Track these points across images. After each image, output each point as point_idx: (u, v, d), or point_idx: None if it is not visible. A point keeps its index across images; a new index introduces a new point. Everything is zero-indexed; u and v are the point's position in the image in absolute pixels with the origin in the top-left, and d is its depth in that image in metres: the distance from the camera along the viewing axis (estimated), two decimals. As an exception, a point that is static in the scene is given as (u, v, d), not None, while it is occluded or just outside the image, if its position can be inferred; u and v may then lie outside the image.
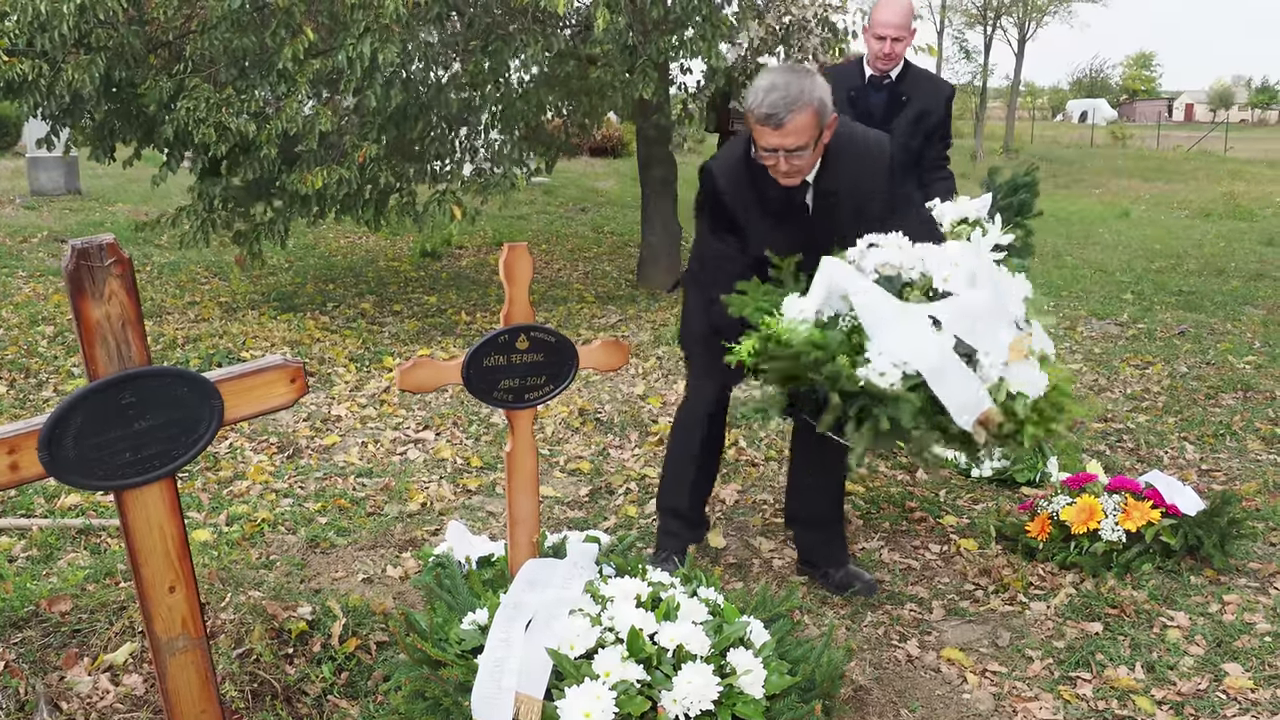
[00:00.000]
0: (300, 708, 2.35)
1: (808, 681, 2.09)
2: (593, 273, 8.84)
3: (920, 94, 3.94)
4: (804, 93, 2.49)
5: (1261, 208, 14.28)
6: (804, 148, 2.56)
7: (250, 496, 3.76)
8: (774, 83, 2.50)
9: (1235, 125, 50.17)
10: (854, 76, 3.98)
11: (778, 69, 2.59)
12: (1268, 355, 6.01)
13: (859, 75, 3.97)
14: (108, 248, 1.60)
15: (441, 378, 2.23)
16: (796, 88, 2.49)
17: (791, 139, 2.53)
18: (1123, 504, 3.23)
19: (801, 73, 2.54)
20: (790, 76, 2.52)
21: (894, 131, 3.80)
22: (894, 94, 3.91)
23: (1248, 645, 2.78)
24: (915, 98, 3.92)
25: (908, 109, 3.92)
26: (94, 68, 5.31)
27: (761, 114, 2.51)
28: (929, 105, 3.95)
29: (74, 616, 2.57)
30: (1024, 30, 32.80)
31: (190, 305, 6.87)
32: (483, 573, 2.47)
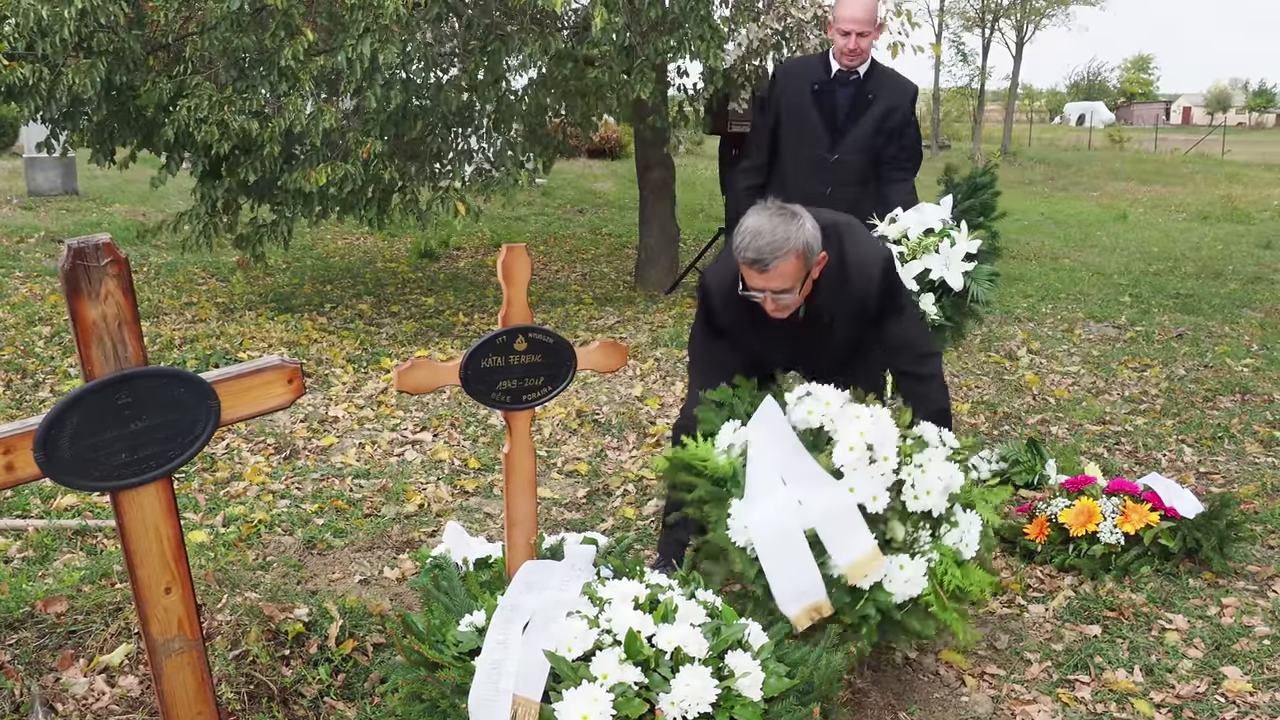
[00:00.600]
0: (297, 710, 2.34)
1: (806, 684, 2.08)
2: (590, 274, 8.83)
3: (886, 92, 3.87)
4: (789, 239, 2.48)
5: (1259, 211, 14.31)
6: (789, 290, 2.56)
7: (247, 497, 3.76)
8: (760, 228, 2.50)
9: (1233, 128, 50.24)
10: (817, 70, 3.89)
11: (765, 211, 2.55)
12: (1265, 358, 6.02)
13: (823, 69, 3.87)
14: (104, 247, 1.59)
15: (440, 379, 2.23)
16: (782, 234, 2.48)
17: (776, 282, 2.54)
18: (1121, 506, 3.23)
19: (788, 216, 2.52)
20: (776, 221, 2.50)
21: (860, 128, 3.82)
22: (860, 91, 3.83)
23: (1246, 648, 2.77)
24: (881, 96, 3.85)
25: (874, 107, 3.85)
26: (95, 72, 5.29)
27: (747, 259, 2.52)
28: (894, 104, 3.87)
29: (70, 617, 2.56)
30: (1022, 33, 32.84)
31: (187, 306, 6.85)
32: (480, 574, 2.46)
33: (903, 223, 3.57)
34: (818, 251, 2.57)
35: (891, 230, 3.57)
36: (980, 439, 4.54)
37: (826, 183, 3.85)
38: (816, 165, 3.86)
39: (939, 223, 3.53)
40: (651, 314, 7.11)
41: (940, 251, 3.45)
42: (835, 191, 3.83)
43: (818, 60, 3.97)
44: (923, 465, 2.36)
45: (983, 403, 5.10)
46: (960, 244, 3.45)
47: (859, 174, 3.89)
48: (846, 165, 3.86)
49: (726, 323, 2.79)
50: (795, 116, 3.88)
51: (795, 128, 3.89)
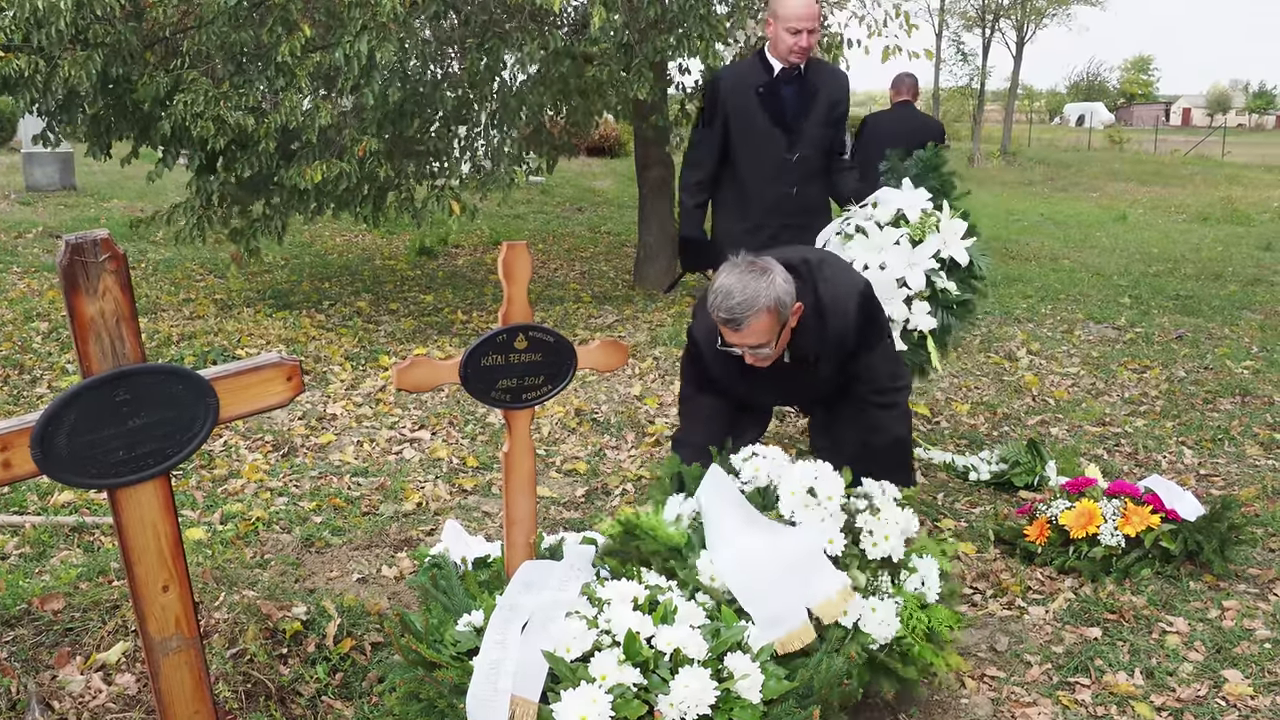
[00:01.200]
0: (294, 708, 2.33)
1: (805, 687, 2.07)
2: (589, 272, 8.82)
3: (826, 84, 3.85)
4: (760, 296, 2.50)
5: (1259, 212, 14.31)
6: (765, 345, 2.59)
7: (245, 495, 3.74)
8: (730, 288, 2.51)
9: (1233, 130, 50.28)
10: (758, 73, 3.85)
11: (736, 268, 2.55)
12: (1265, 360, 6.01)
13: (763, 70, 3.84)
14: (102, 243, 1.58)
15: (439, 377, 2.22)
16: (752, 291, 2.49)
17: (751, 339, 2.57)
18: (1122, 509, 3.22)
19: (758, 273, 2.53)
20: (747, 279, 2.51)
21: (810, 123, 3.81)
22: (804, 86, 3.81)
23: (1247, 651, 2.76)
24: (823, 88, 3.84)
25: (819, 100, 3.84)
26: (91, 64, 5.28)
27: (720, 318, 2.55)
28: (837, 94, 3.88)
29: (66, 615, 2.55)
30: (1022, 33, 32.84)
31: (185, 302, 6.84)
32: (479, 574, 2.45)
33: (889, 205, 3.56)
34: (791, 305, 2.60)
35: (881, 214, 3.57)
36: (980, 440, 4.53)
37: (790, 183, 3.87)
38: (778, 167, 3.86)
39: (927, 204, 3.56)
40: (650, 313, 7.10)
41: (941, 229, 3.51)
42: (800, 190, 3.86)
43: (755, 62, 3.93)
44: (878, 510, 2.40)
45: (982, 403, 5.09)
46: (953, 221, 3.53)
47: (818, 169, 3.93)
48: (807, 161, 3.89)
49: (716, 372, 2.85)
50: (744, 121, 3.86)
51: (746, 132, 3.87)
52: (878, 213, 3.58)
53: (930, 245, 3.50)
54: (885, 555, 2.39)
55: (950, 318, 3.57)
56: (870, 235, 3.55)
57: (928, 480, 4.04)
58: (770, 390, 2.93)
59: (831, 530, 2.34)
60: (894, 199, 3.60)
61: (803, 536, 2.32)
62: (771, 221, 3.92)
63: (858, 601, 2.28)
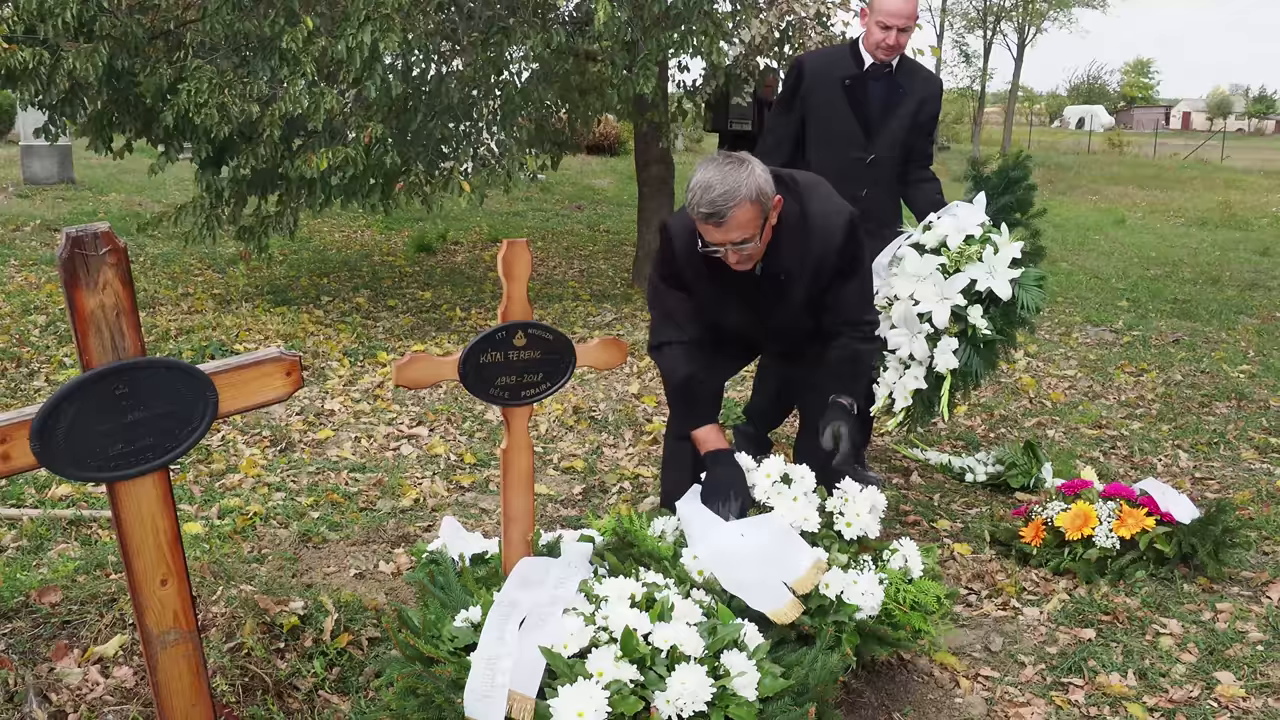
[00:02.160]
0: (291, 702, 2.34)
1: (801, 685, 2.08)
2: (588, 271, 8.82)
3: (916, 87, 3.64)
4: (740, 186, 2.44)
5: (1257, 217, 14.33)
6: (749, 239, 2.53)
7: (242, 490, 3.75)
8: (709, 181, 2.46)
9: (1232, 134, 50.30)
10: (847, 63, 3.62)
11: (712, 163, 2.51)
12: (1262, 364, 6.03)
13: (853, 62, 3.60)
14: (103, 236, 1.58)
15: (438, 374, 2.22)
16: (732, 181, 2.44)
17: (736, 233, 2.50)
18: (1117, 511, 3.23)
19: (736, 164, 2.48)
20: (725, 171, 2.46)
21: (893, 126, 3.58)
22: (892, 84, 3.59)
23: (1240, 654, 2.78)
24: (912, 90, 3.61)
25: (907, 101, 3.61)
26: (97, 56, 5.25)
27: (701, 214, 2.48)
28: (925, 97, 3.65)
29: (64, 608, 2.55)
30: (1023, 35, 32.87)
31: (184, 297, 6.84)
32: (476, 570, 2.46)
33: (939, 229, 3.31)
34: (772, 195, 2.53)
35: (929, 238, 3.32)
36: (976, 441, 4.54)
37: (861, 185, 3.57)
38: (851, 167, 3.58)
39: (978, 228, 3.28)
40: (649, 312, 7.10)
41: (984, 259, 3.21)
42: (870, 193, 3.59)
43: (844, 51, 3.67)
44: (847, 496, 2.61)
45: (979, 405, 5.10)
46: (1004, 249, 3.20)
47: (893, 176, 3.67)
48: (882, 165, 3.62)
49: (687, 276, 2.77)
50: (825, 114, 3.62)
51: (826, 128, 3.63)
52: (926, 236, 3.34)
53: (961, 280, 3.19)
54: (861, 534, 2.55)
55: (975, 360, 3.23)
56: (908, 262, 3.29)
57: (924, 481, 4.05)
58: (738, 307, 2.81)
59: (807, 510, 2.50)
60: (946, 222, 3.33)
61: (772, 520, 2.45)
62: None
63: (841, 576, 2.37)
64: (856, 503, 2.59)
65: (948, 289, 3.20)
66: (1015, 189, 3.40)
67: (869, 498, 2.60)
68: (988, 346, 3.22)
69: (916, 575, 2.57)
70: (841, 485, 2.65)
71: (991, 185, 3.43)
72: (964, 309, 3.19)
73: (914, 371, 3.30)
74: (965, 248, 3.22)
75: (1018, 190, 3.40)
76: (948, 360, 3.21)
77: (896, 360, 3.37)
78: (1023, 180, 3.41)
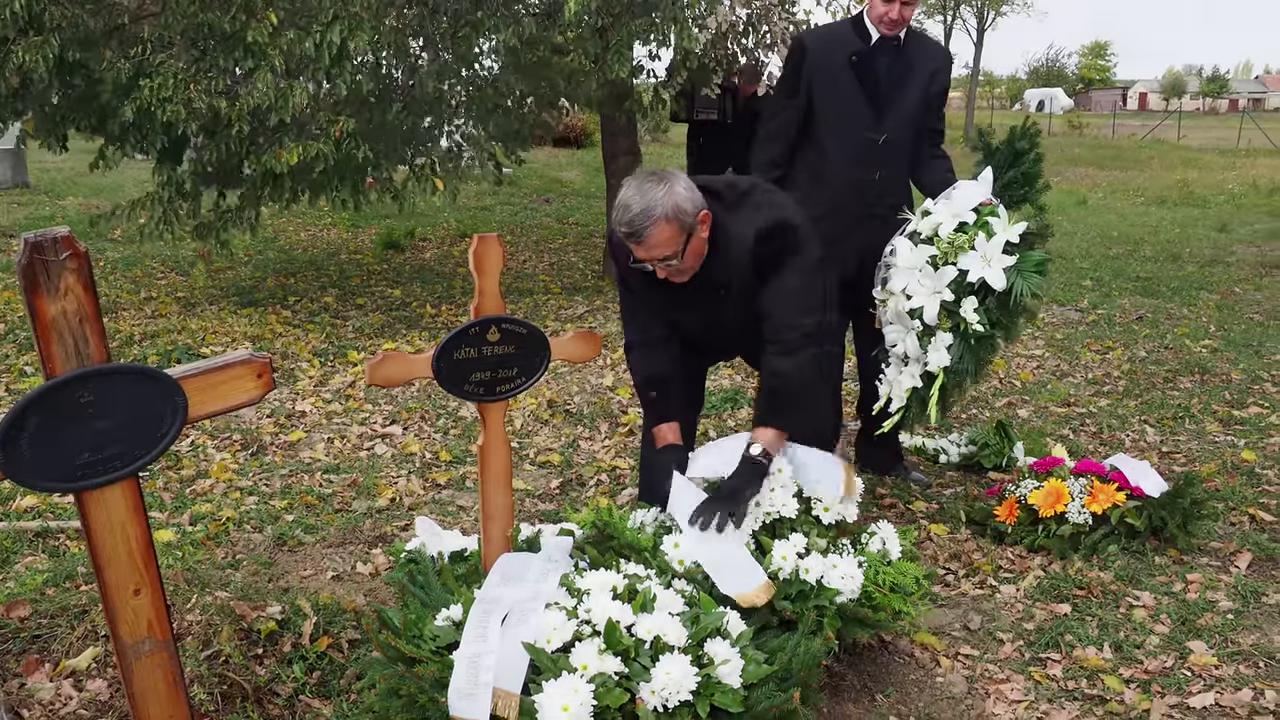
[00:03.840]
0: (272, 709, 2.31)
1: (785, 670, 2.09)
2: (558, 264, 8.79)
3: (925, 59, 3.43)
4: (655, 206, 2.41)
5: (1214, 194, 14.55)
6: (673, 256, 2.50)
7: (214, 495, 3.70)
8: (628, 200, 2.44)
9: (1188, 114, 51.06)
10: (852, 38, 3.41)
11: (634, 180, 2.49)
12: (1223, 339, 6.12)
13: (859, 37, 3.39)
14: (63, 241, 1.55)
15: (411, 371, 2.20)
16: (650, 200, 2.41)
17: (656, 251, 2.48)
18: (1089, 487, 3.27)
19: (655, 182, 2.45)
20: (644, 190, 2.43)
21: (904, 102, 3.39)
22: (901, 58, 3.38)
23: (1211, 623, 2.82)
24: (921, 63, 3.41)
25: (916, 75, 3.40)
26: (47, 48, 5.11)
27: (622, 233, 2.49)
28: (935, 70, 3.44)
29: (34, 622, 2.51)
30: (983, 20, 33.14)
31: (146, 301, 6.73)
32: (456, 568, 2.44)
33: (935, 215, 3.12)
34: (694, 213, 2.48)
35: (925, 225, 3.13)
36: (948, 423, 4.58)
37: (874, 167, 3.41)
38: (862, 148, 3.40)
39: (971, 212, 3.07)
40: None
41: (977, 247, 3.01)
42: (884, 175, 3.42)
43: (848, 26, 3.48)
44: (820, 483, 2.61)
45: (950, 387, 5.14)
46: (998, 234, 2.99)
47: (905, 155, 3.47)
48: (894, 146, 3.42)
49: (634, 283, 2.76)
50: (829, 91, 3.41)
51: (830, 105, 3.42)
52: (922, 223, 3.15)
53: (950, 271, 3.01)
54: (839, 518, 2.58)
55: (966, 357, 3.04)
56: (900, 254, 3.13)
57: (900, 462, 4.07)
58: (687, 311, 2.78)
59: (784, 497, 2.52)
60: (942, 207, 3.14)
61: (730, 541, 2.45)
62: (848, 209, 3.41)
63: (820, 561, 2.40)
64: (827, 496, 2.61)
65: (937, 282, 3.04)
66: (1021, 162, 3.19)
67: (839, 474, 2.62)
68: (979, 342, 3.03)
69: (895, 557, 2.59)
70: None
71: (1000, 158, 3.22)
72: (954, 304, 3.02)
73: (909, 369, 3.18)
74: (956, 236, 3.04)
75: (1024, 163, 3.18)
76: (939, 358, 3.06)
77: (895, 357, 3.27)
78: (1029, 152, 3.19)
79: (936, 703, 2.49)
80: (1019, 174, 3.13)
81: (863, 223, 3.39)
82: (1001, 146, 3.21)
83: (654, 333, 2.80)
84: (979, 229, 3.03)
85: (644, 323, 2.81)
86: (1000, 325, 3.05)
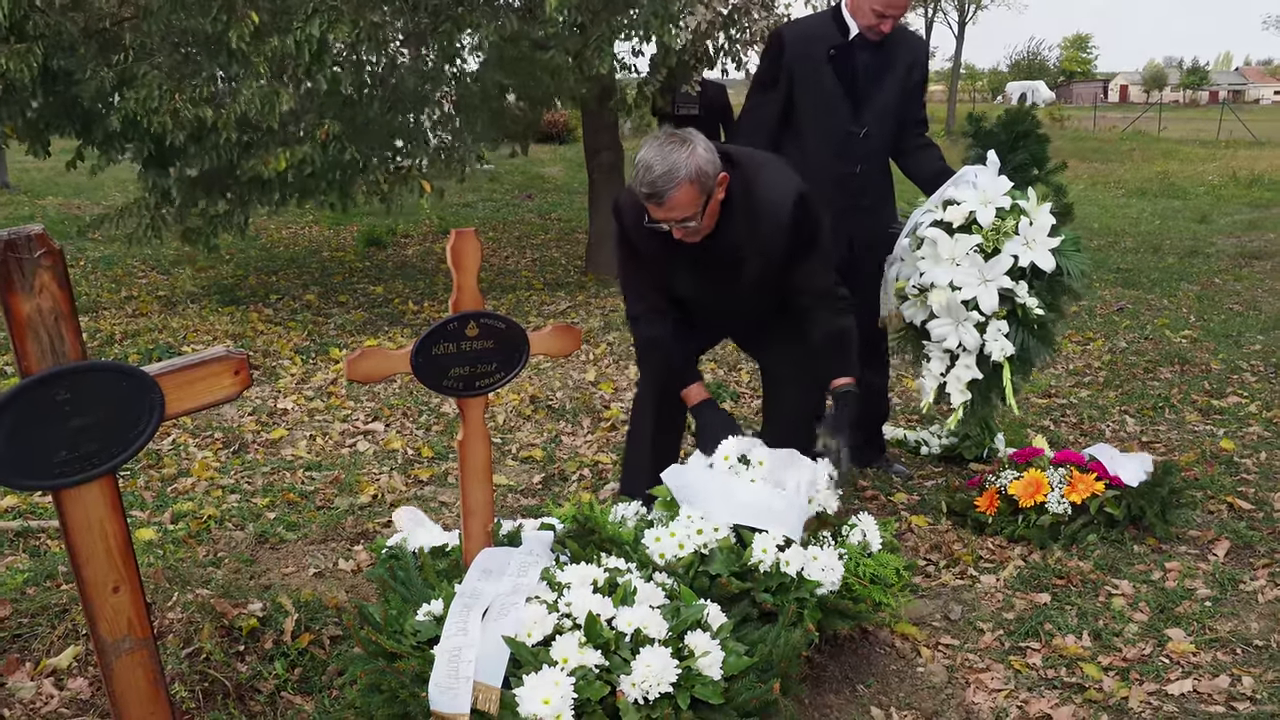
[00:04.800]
0: (253, 705, 2.31)
1: (766, 662, 2.10)
2: (541, 259, 8.79)
3: (902, 52, 3.43)
4: (679, 167, 2.46)
5: (1194, 186, 14.65)
6: (691, 218, 2.55)
7: (195, 493, 3.69)
8: (650, 160, 2.49)
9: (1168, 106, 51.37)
10: (831, 32, 3.40)
11: (654, 143, 2.53)
12: (1202, 329, 6.18)
13: (838, 31, 3.39)
14: (37, 239, 1.54)
15: (390, 367, 2.20)
16: (672, 162, 2.46)
17: (676, 212, 2.53)
18: (1068, 477, 3.30)
19: (678, 144, 2.50)
20: (665, 151, 2.48)
21: (884, 95, 3.41)
22: (879, 52, 3.38)
23: (1189, 610, 2.85)
24: (899, 56, 3.42)
25: (895, 68, 3.41)
26: (31, 56, 5.08)
27: (643, 194, 2.52)
28: (912, 61, 3.46)
29: (14, 621, 2.50)
30: (964, 13, 33.24)
31: (127, 300, 6.69)
32: (437, 563, 2.44)
33: (965, 204, 3.06)
34: (715, 175, 2.55)
35: (954, 215, 3.09)
36: (930, 415, 4.60)
37: (854, 161, 3.43)
38: (842, 142, 3.41)
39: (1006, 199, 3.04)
40: (603, 298, 7.10)
41: (1020, 232, 2.99)
42: (865, 169, 3.43)
43: (826, 19, 3.47)
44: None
45: (932, 379, 5.17)
46: (1039, 217, 2.98)
47: (887, 148, 3.50)
48: (875, 139, 3.44)
49: (640, 250, 2.79)
50: (808, 85, 3.41)
51: (810, 99, 3.42)
52: (950, 213, 3.11)
53: (1005, 260, 2.98)
54: (820, 509, 2.59)
55: (1031, 340, 3.04)
56: (940, 245, 3.08)
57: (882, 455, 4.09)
58: (693, 281, 2.81)
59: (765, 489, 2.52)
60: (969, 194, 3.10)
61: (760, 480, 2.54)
62: (832, 203, 3.31)
63: (801, 553, 2.41)
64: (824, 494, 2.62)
65: (990, 271, 3.02)
66: (1025, 142, 3.16)
67: (825, 473, 2.64)
68: (1042, 326, 3.06)
69: (875, 549, 2.60)
70: None
71: (999, 143, 3.19)
72: (1010, 290, 3.02)
73: (964, 361, 3.15)
74: (1000, 224, 3.01)
75: (1029, 144, 3.16)
76: (1003, 347, 3.06)
77: (940, 351, 3.21)
78: (1032, 133, 3.17)
79: (917, 692, 2.51)
80: (1027, 155, 3.10)
81: (847, 215, 3.38)
82: (996, 130, 3.19)
83: (655, 302, 2.86)
84: (1016, 214, 3.02)
85: (646, 293, 2.86)
86: (1053, 308, 3.07)
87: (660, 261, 2.78)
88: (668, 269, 2.80)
